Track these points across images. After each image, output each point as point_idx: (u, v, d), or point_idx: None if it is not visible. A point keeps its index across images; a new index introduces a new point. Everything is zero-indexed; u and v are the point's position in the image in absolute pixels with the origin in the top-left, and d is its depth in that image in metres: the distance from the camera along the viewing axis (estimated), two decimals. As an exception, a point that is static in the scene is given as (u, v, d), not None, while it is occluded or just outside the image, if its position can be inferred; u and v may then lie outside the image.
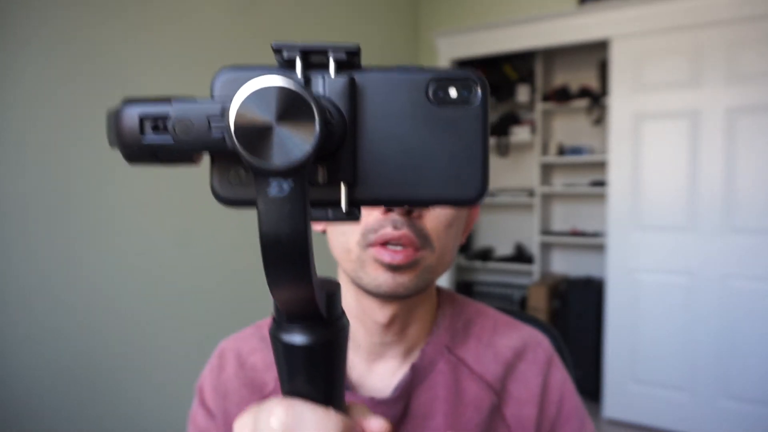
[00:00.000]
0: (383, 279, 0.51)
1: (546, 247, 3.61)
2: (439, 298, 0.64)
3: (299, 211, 0.20)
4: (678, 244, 2.50)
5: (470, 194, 0.25)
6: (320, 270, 0.25)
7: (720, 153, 2.39)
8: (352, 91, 0.24)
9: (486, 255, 3.71)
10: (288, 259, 0.20)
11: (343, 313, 0.28)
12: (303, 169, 0.19)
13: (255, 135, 0.19)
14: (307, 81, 0.24)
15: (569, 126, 3.59)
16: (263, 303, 1.70)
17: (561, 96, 3.32)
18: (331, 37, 2.26)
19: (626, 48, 2.57)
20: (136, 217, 1.48)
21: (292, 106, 0.19)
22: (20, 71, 1.21)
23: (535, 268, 3.45)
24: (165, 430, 1.54)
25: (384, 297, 0.53)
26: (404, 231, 0.49)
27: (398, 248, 0.50)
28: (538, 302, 3.17)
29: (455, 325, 0.62)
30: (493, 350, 0.60)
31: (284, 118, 0.19)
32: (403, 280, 0.51)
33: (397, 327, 0.57)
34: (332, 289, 0.27)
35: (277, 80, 0.19)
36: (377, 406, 0.54)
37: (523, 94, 3.49)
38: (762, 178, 2.32)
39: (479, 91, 0.25)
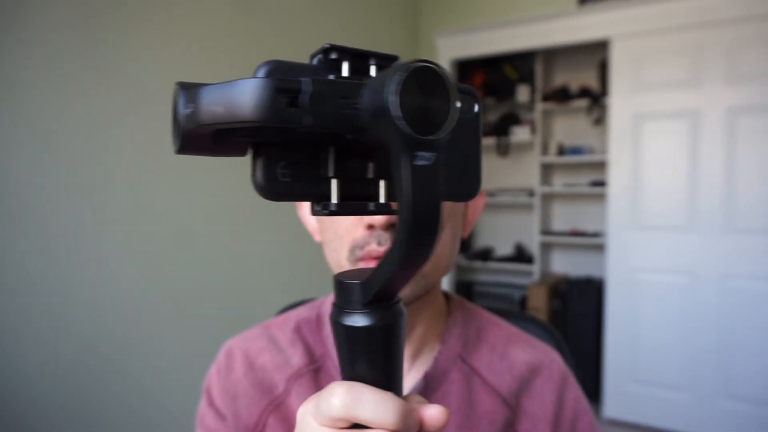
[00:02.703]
0: None
1: (546, 247, 3.61)
2: (449, 306, 0.63)
3: (440, 181, 0.22)
4: (678, 244, 2.50)
5: (470, 190, 0.30)
6: (321, 277, 0.25)
7: (720, 153, 2.39)
8: None
9: (486, 255, 3.71)
10: (431, 227, 0.22)
11: (400, 299, 0.29)
12: (444, 142, 0.22)
13: (415, 110, 0.21)
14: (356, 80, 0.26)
15: (569, 126, 3.59)
16: (265, 300, 1.70)
17: (561, 96, 3.32)
18: (331, 37, 2.26)
19: (626, 48, 2.57)
20: (141, 215, 1.48)
21: (440, 88, 0.22)
22: (21, 71, 1.21)
23: (535, 268, 3.45)
24: (170, 426, 1.54)
25: None
26: (388, 246, 0.49)
27: None
28: (538, 302, 3.17)
29: (467, 332, 0.61)
30: (508, 362, 0.60)
31: (434, 98, 0.22)
32: None
33: None
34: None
35: (428, 64, 0.22)
36: None
37: (523, 94, 3.49)
38: (762, 178, 2.32)
39: (476, 104, 0.30)
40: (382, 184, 0.27)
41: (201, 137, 0.24)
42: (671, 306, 2.52)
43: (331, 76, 0.25)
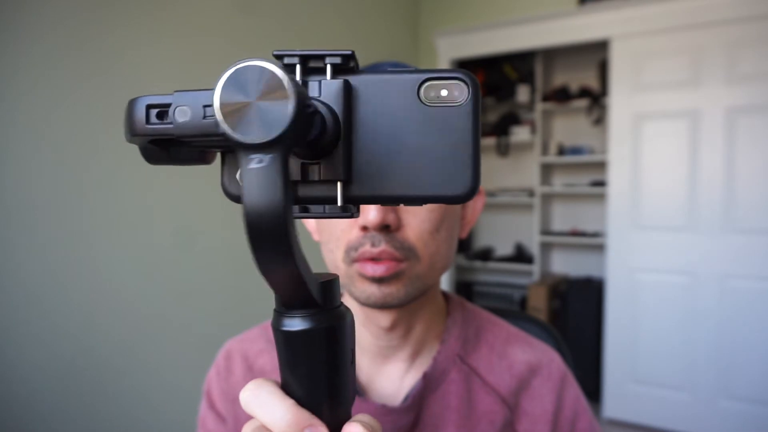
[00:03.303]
0: (371, 291, 0.51)
1: (546, 247, 3.61)
2: (448, 306, 0.63)
3: (278, 183, 0.20)
4: (678, 243, 2.50)
5: (460, 191, 0.26)
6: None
7: (720, 153, 2.39)
8: (347, 93, 0.26)
9: (486, 255, 3.71)
10: (269, 231, 0.21)
11: (342, 305, 0.28)
12: (282, 143, 0.20)
13: (236, 112, 0.20)
14: (304, 84, 0.25)
15: (569, 126, 3.59)
16: (265, 300, 1.70)
17: (561, 96, 3.32)
18: (331, 37, 2.26)
19: (626, 48, 2.57)
20: (140, 214, 1.48)
21: (268, 84, 0.20)
22: (21, 70, 1.21)
23: (535, 268, 3.45)
24: (169, 426, 1.54)
25: (377, 308, 0.53)
26: (383, 247, 0.49)
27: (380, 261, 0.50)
28: (538, 302, 3.17)
29: (466, 332, 0.61)
30: (507, 362, 0.60)
31: (262, 96, 0.20)
32: (390, 290, 0.51)
33: (401, 330, 0.57)
34: (328, 278, 0.27)
35: (253, 61, 0.20)
36: (389, 414, 0.54)
37: (523, 94, 3.49)
38: (762, 178, 2.32)
39: (468, 89, 0.26)
40: (338, 186, 0.26)
41: (148, 150, 0.26)
42: (671, 306, 2.52)
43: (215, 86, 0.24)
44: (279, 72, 0.20)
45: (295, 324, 0.26)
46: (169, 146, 0.26)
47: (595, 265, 3.38)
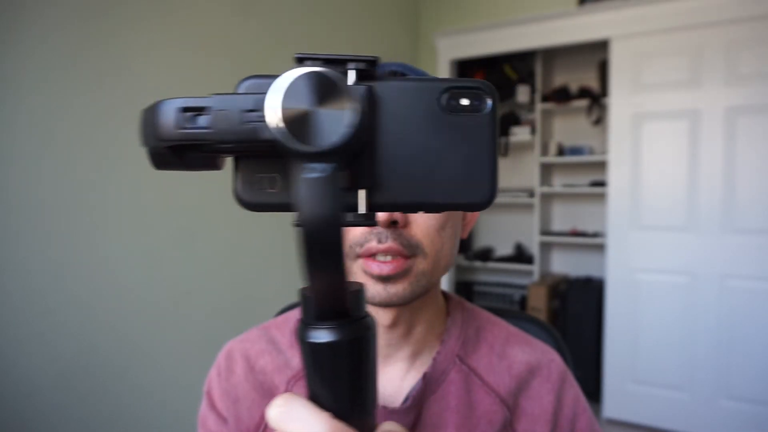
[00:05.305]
0: (375, 290, 0.51)
1: (546, 247, 3.61)
2: (448, 306, 0.63)
3: (335, 194, 0.21)
4: (677, 244, 2.50)
5: (480, 198, 0.26)
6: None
7: (720, 153, 2.39)
8: (371, 100, 0.25)
9: (486, 255, 3.71)
10: (324, 241, 0.21)
11: (368, 315, 0.28)
12: (341, 151, 0.20)
13: (296, 120, 0.20)
14: None
15: (569, 126, 3.59)
16: (265, 300, 1.70)
17: (561, 96, 3.32)
18: (331, 38, 2.27)
19: (626, 48, 2.58)
20: (141, 214, 1.48)
21: (328, 92, 0.20)
22: (22, 71, 1.21)
23: (535, 268, 3.45)
24: (170, 426, 1.54)
25: (380, 306, 0.53)
26: (389, 244, 0.49)
27: (387, 258, 0.50)
28: (538, 302, 3.17)
29: (466, 332, 0.61)
30: (507, 362, 0.60)
31: (323, 103, 0.20)
32: (396, 290, 0.51)
33: (401, 329, 0.57)
34: (357, 287, 0.27)
35: (313, 68, 0.20)
36: (389, 415, 0.54)
37: (523, 94, 3.49)
38: (762, 178, 2.32)
39: (489, 100, 0.26)
40: (362, 194, 0.26)
41: (161, 155, 0.25)
42: (671, 306, 2.52)
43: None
44: (339, 80, 0.20)
45: (323, 336, 0.25)
46: (185, 151, 0.25)
47: (595, 265, 3.38)
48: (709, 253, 2.43)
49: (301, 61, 0.25)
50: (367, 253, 0.50)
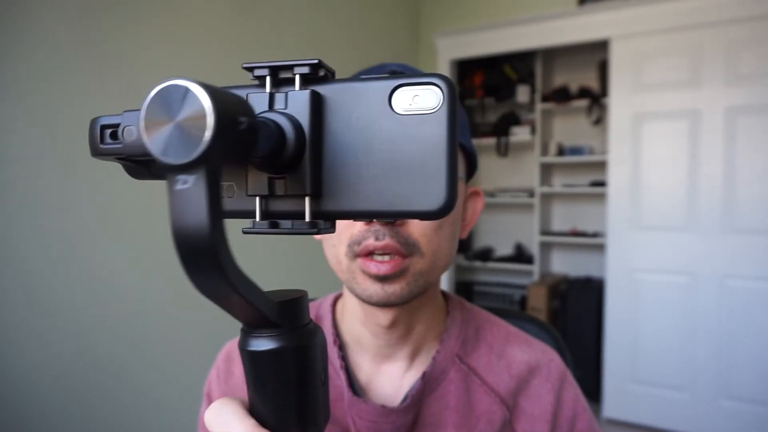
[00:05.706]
0: (373, 290, 0.50)
1: (546, 247, 3.61)
2: (448, 305, 0.63)
3: (203, 204, 0.20)
4: (678, 244, 2.50)
5: (433, 206, 0.23)
6: (320, 277, 0.25)
7: (720, 153, 2.39)
8: (315, 104, 0.24)
9: (486, 255, 3.71)
10: (197, 253, 0.20)
11: (311, 322, 0.27)
12: (204, 163, 0.19)
13: (159, 132, 0.19)
14: (271, 96, 0.25)
15: (569, 126, 3.59)
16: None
17: (561, 96, 3.32)
18: (331, 38, 2.26)
19: (626, 48, 2.58)
20: (141, 214, 1.48)
21: (188, 103, 0.19)
22: (22, 70, 1.21)
23: (535, 268, 3.45)
24: (169, 427, 1.54)
25: (378, 306, 0.52)
26: (387, 241, 0.49)
27: (385, 258, 0.50)
28: (538, 302, 3.17)
29: (466, 331, 0.61)
30: (506, 362, 0.60)
31: (183, 115, 0.19)
32: (393, 289, 0.50)
33: (401, 329, 0.57)
34: (293, 296, 0.26)
35: (175, 80, 0.20)
36: (388, 414, 0.54)
37: (523, 94, 3.49)
38: (762, 178, 2.32)
39: (443, 95, 0.24)
40: (307, 201, 0.25)
41: (128, 167, 0.27)
42: (671, 306, 2.52)
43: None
44: (197, 89, 0.19)
45: (260, 344, 0.25)
46: (148, 163, 0.26)
47: (595, 265, 3.38)
48: (709, 253, 2.43)
49: (249, 70, 0.25)
50: (365, 251, 0.50)
